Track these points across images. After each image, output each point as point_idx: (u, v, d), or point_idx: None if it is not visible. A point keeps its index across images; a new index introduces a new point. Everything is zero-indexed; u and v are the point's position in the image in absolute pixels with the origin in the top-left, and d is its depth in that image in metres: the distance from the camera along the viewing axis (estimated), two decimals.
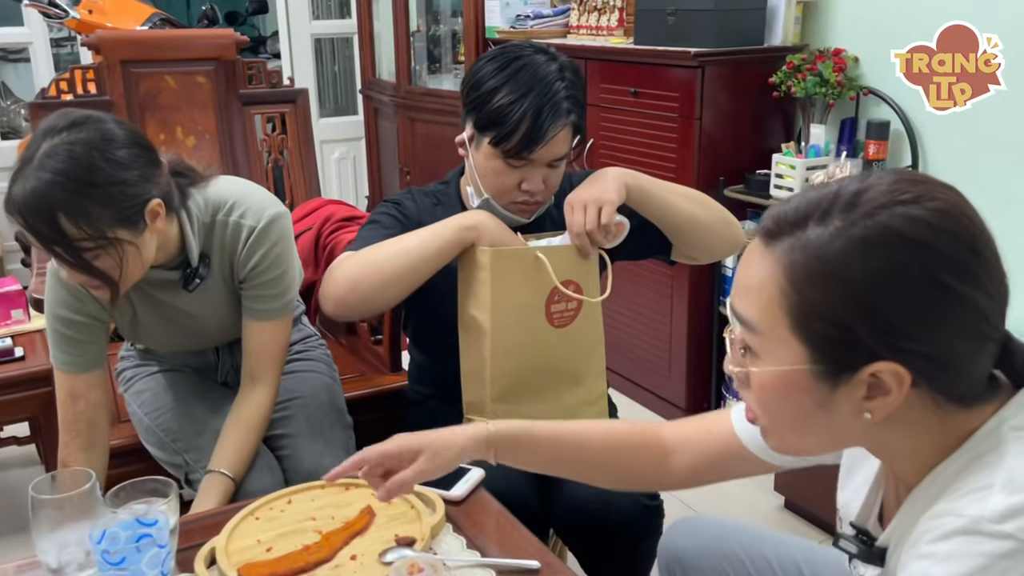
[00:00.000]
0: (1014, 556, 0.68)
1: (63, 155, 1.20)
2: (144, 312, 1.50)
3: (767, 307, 0.76)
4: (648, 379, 2.81)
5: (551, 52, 1.47)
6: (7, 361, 2.05)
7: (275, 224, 1.45)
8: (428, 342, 1.68)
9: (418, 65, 4.02)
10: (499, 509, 1.22)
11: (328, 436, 1.56)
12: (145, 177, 1.28)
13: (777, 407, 0.80)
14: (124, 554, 0.98)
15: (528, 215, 1.52)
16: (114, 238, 1.25)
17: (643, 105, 2.58)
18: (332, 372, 1.74)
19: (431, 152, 3.75)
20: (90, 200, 1.21)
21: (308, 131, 2.33)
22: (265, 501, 1.21)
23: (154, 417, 1.60)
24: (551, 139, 1.41)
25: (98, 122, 1.26)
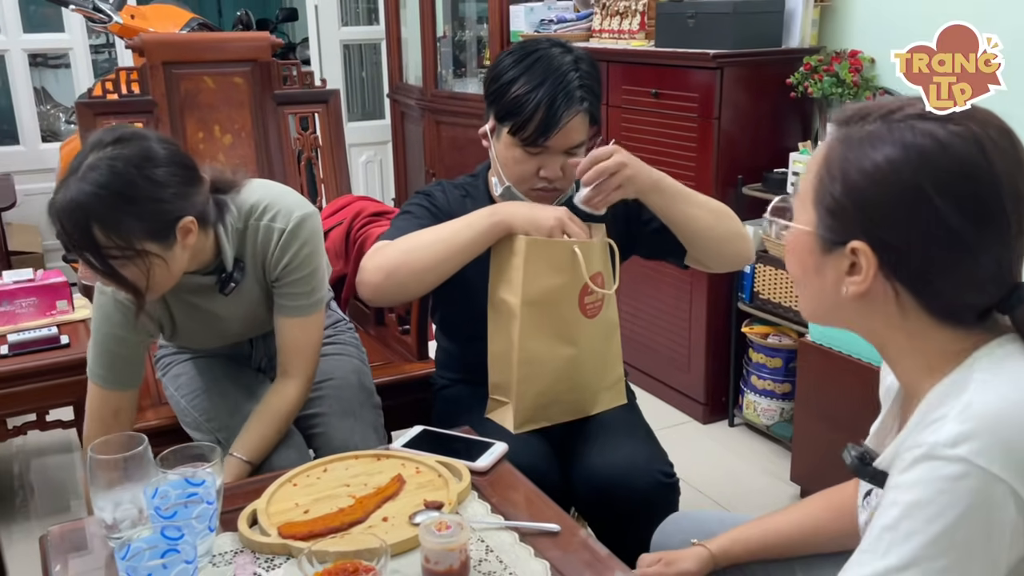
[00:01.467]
0: (967, 478, 0.72)
1: (105, 169, 1.26)
2: (181, 318, 1.57)
3: (808, 177, 0.88)
4: (667, 374, 2.86)
5: (567, 45, 1.54)
6: (53, 348, 2.15)
7: (304, 224, 1.49)
8: (456, 331, 1.75)
9: (444, 70, 4.11)
10: (521, 479, 1.29)
11: (358, 415, 1.63)
12: (180, 195, 1.33)
13: (792, 264, 0.93)
14: (175, 509, 1.06)
15: (548, 202, 1.57)
16: (142, 250, 1.30)
17: (664, 106, 2.65)
18: (361, 355, 1.81)
19: (456, 154, 3.83)
20: (123, 213, 1.27)
21: (339, 130, 2.42)
22: (302, 469, 1.28)
23: (190, 399, 1.68)
24: (565, 126, 1.47)
25: (142, 139, 1.32)
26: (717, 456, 2.60)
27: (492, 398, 1.55)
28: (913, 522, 0.74)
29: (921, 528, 0.74)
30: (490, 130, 1.57)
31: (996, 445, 0.73)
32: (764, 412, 2.60)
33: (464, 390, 1.69)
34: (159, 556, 0.96)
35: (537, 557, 1.09)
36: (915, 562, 0.74)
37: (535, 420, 1.52)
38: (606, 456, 1.51)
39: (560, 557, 1.10)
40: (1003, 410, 0.75)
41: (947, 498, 0.73)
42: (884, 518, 0.77)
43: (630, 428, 1.59)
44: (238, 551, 1.12)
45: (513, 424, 1.49)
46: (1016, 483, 0.72)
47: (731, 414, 2.75)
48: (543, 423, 1.53)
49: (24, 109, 4.04)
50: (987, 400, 0.76)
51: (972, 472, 0.73)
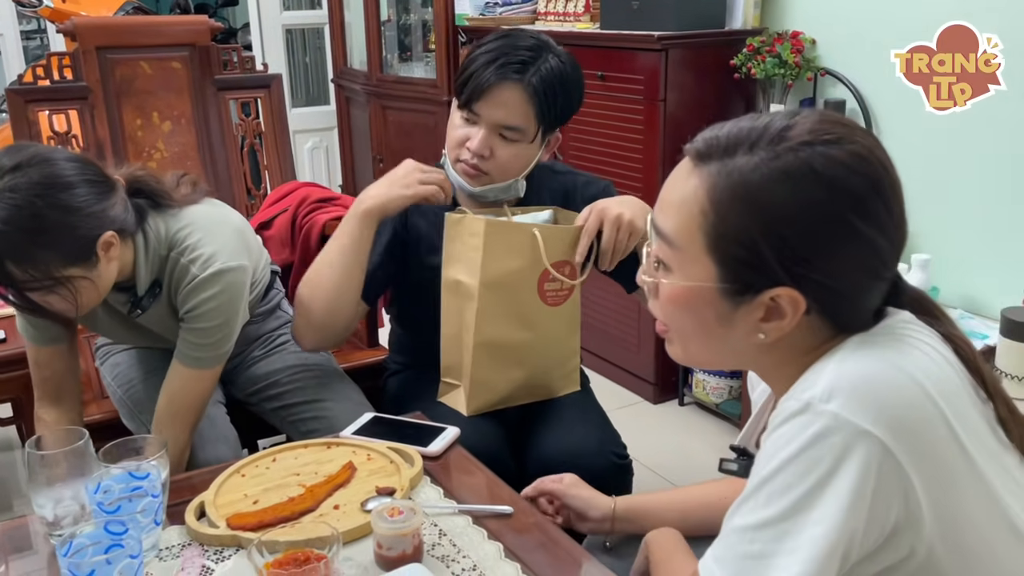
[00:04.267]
0: (839, 432, 0.74)
1: (6, 203, 1.19)
2: (103, 315, 1.53)
3: (686, 224, 0.81)
4: (618, 356, 2.88)
5: (544, 39, 1.50)
6: None
7: (220, 277, 1.39)
8: (410, 319, 1.73)
9: (389, 54, 4.07)
10: (474, 463, 1.29)
11: (343, 392, 1.63)
12: (95, 214, 1.26)
13: (681, 318, 0.86)
14: (119, 504, 1.03)
15: (472, 180, 1.53)
16: (63, 276, 1.25)
17: (610, 88, 2.65)
18: None
19: (403, 139, 3.80)
20: (36, 246, 1.21)
21: (282, 115, 2.38)
22: (251, 460, 1.26)
23: (125, 389, 1.65)
24: (494, 94, 1.44)
25: (43, 164, 1.23)
26: (668, 435, 2.63)
27: (444, 381, 1.54)
28: (790, 475, 0.75)
29: (796, 481, 0.75)
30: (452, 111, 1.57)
31: (865, 400, 0.75)
32: (713, 391, 2.64)
33: (415, 375, 1.69)
34: (103, 552, 0.94)
35: (491, 539, 1.09)
36: (793, 513, 0.75)
37: (488, 404, 1.51)
38: (559, 439, 1.51)
39: (514, 538, 1.10)
40: (871, 370, 0.77)
41: (820, 452, 0.74)
42: (764, 470, 0.78)
43: (583, 411, 1.60)
44: (186, 544, 1.10)
45: (466, 408, 1.48)
46: (887, 437, 0.74)
47: (681, 393, 2.78)
48: (496, 407, 1.52)
49: None
50: (856, 363, 0.78)
51: (843, 426, 0.74)
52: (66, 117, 2.12)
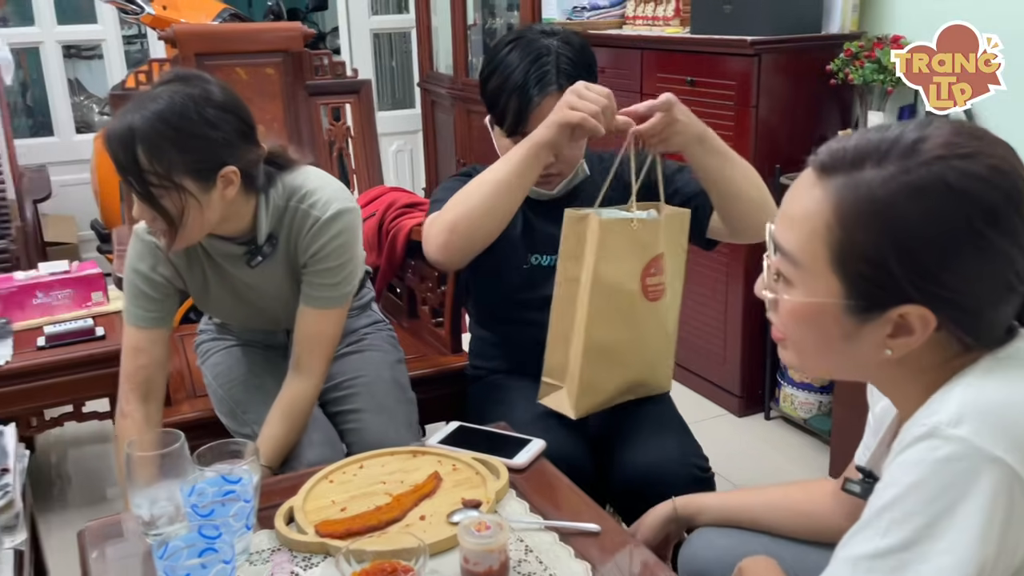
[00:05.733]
0: (968, 458, 0.70)
1: (163, 99, 1.31)
2: (214, 281, 1.57)
3: (810, 240, 0.78)
4: (703, 366, 2.82)
5: (552, 29, 1.51)
6: (89, 340, 2.16)
7: (340, 217, 1.48)
8: (492, 319, 1.73)
9: (475, 58, 4.09)
10: (560, 477, 1.27)
11: (392, 411, 1.62)
12: (229, 143, 1.36)
13: (803, 333, 0.83)
14: (212, 508, 1.05)
15: (550, 187, 1.56)
16: (180, 184, 1.32)
17: (699, 94, 2.60)
18: (397, 353, 1.80)
19: (487, 143, 3.79)
20: (168, 142, 1.30)
21: (371, 120, 2.41)
22: (338, 466, 1.27)
23: (227, 388, 1.69)
24: (538, 110, 1.43)
25: (204, 82, 1.36)
26: (753, 450, 2.56)
27: (545, 381, 1.48)
28: (913, 503, 0.72)
29: (921, 509, 0.72)
30: (488, 123, 1.58)
31: (997, 426, 0.71)
32: (802, 405, 2.56)
33: (499, 381, 1.68)
34: (197, 555, 0.96)
35: (578, 558, 1.07)
36: (915, 542, 0.72)
37: (594, 406, 1.47)
38: (640, 451, 1.48)
39: (601, 558, 1.07)
40: (1003, 395, 0.74)
41: (947, 479, 0.71)
42: (884, 497, 0.74)
43: (664, 422, 1.57)
44: (275, 549, 1.11)
45: (574, 411, 1.44)
46: (1019, 465, 0.70)
47: (767, 407, 2.70)
48: (601, 408, 1.49)
49: (58, 101, 4.08)
50: (987, 387, 0.75)
51: (973, 453, 0.70)
52: None
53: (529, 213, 1.59)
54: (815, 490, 1.19)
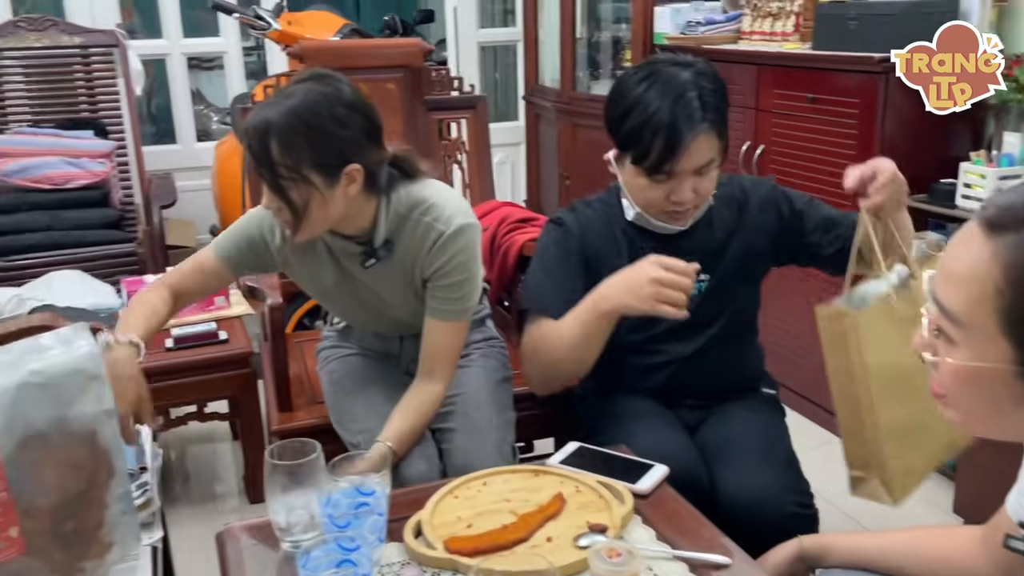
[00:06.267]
0: None
1: (297, 96, 1.39)
2: (336, 277, 1.62)
3: (977, 301, 0.74)
4: (813, 390, 2.74)
5: (686, 60, 1.48)
6: (212, 343, 2.25)
7: (463, 233, 1.53)
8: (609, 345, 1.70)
9: (581, 71, 4.09)
10: (685, 505, 1.25)
11: (483, 432, 1.61)
12: (356, 142, 1.42)
13: (968, 396, 0.79)
14: (348, 519, 1.07)
15: (682, 222, 1.55)
16: (307, 178, 1.39)
17: (820, 111, 2.54)
18: (504, 371, 1.80)
19: (592, 157, 3.77)
20: (300, 136, 1.37)
21: (485, 136, 2.43)
22: (462, 481, 1.29)
23: (340, 397, 1.73)
24: (688, 150, 1.42)
25: (337, 81, 1.44)
26: None
27: (854, 475, 1.40)
28: None
29: None
30: (614, 157, 1.54)
31: None
32: None
33: (605, 401, 1.67)
34: (335, 566, 0.98)
35: None
36: None
37: (914, 486, 1.39)
38: (739, 482, 1.46)
39: None
40: None
41: None
42: None
43: (769, 451, 1.53)
44: (404, 563, 1.13)
45: (894, 499, 1.37)
46: None
47: None
48: (920, 482, 1.41)
49: (182, 110, 4.26)
50: None
51: None
52: None
53: (643, 244, 1.58)
54: (955, 537, 1.13)
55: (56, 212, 2.95)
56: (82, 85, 3.44)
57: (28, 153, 3.03)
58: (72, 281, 2.57)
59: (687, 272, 1.36)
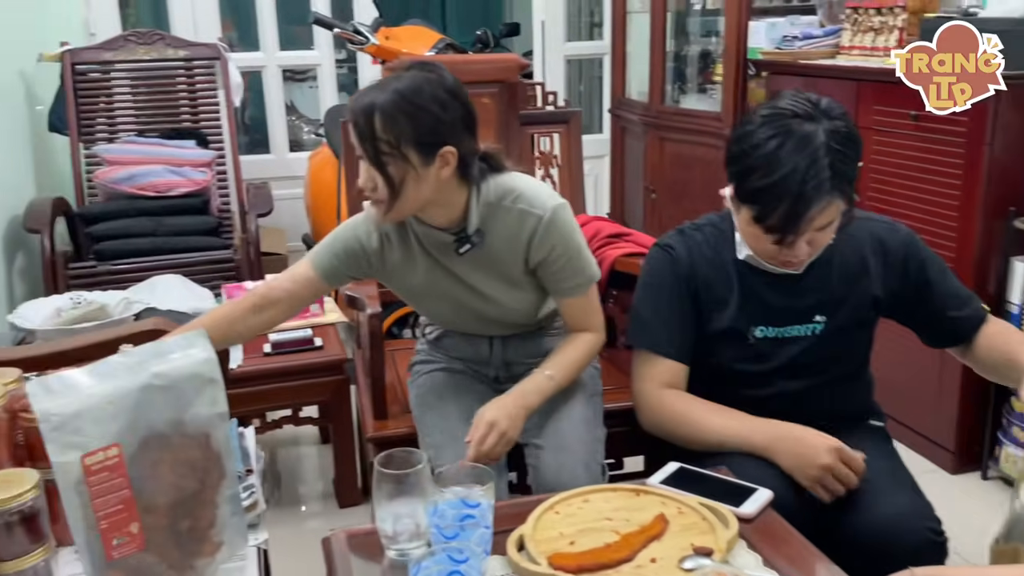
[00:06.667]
0: None
1: (403, 80, 1.48)
2: (427, 274, 1.66)
3: None
4: (914, 417, 2.65)
5: (817, 110, 1.41)
6: (307, 350, 2.30)
7: (559, 213, 1.58)
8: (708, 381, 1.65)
9: (669, 85, 4.06)
10: (792, 532, 1.22)
11: (571, 450, 1.61)
12: (453, 127, 1.48)
13: None
14: (455, 530, 1.08)
15: (796, 268, 1.52)
16: (405, 155, 1.45)
17: (924, 129, 2.46)
18: (595, 386, 1.80)
19: (680, 172, 3.76)
20: (402, 113, 1.44)
21: (578, 150, 2.44)
22: (564, 497, 1.28)
23: (421, 411, 1.76)
24: (812, 219, 1.39)
25: (440, 70, 1.53)
26: (968, 512, 2.37)
27: None
28: None
29: None
30: (730, 198, 1.51)
31: None
32: None
33: None
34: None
35: None
36: None
37: None
38: (871, 508, 1.41)
39: None
40: None
41: None
42: None
43: (894, 477, 1.48)
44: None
45: None
46: None
47: (985, 465, 2.50)
48: None
49: (276, 121, 4.39)
50: None
51: None
52: None
53: (755, 281, 1.55)
54: None
55: (160, 218, 3.06)
56: (185, 96, 3.57)
57: (135, 161, 3.16)
58: (173, 285, 2.67)
59: (859, 472, 1.39)
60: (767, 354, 1.55)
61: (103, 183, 3.15)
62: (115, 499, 1.07)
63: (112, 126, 3.45)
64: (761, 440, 1.46)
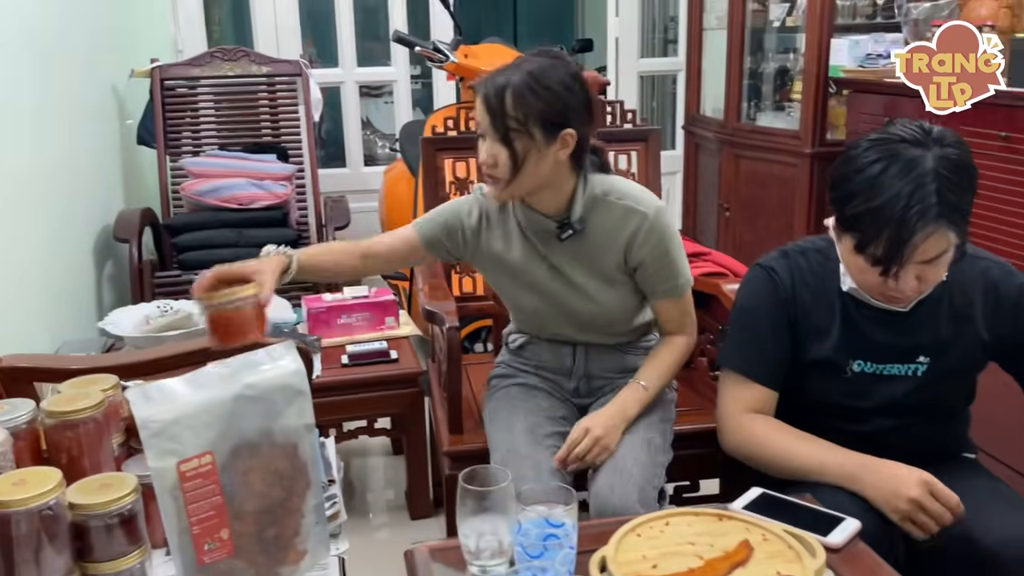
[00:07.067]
0: None
1: (533, 63, 1.57)
2: (523, 255, 1.71)
3: None
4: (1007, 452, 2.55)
5: (920, 136, 1.35)
6: (383, 362, 2.33)
7: (663, 214, 1.68)
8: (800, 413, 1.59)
9: (744, 102, 4.02)
10: (882, 565, 1.19)
11: (628, 474, 1.59)
12: (576, 110, 1.58)
13: None
14: (539, 550, 1.08)
15: (902, 305, 1.46)
16: (531, 132, 1.54)
17: (1014, 151, 2.38)
18: (665, 413, 1.78)
19: (755, 190, 3.72)
20: (531, 93, 1.53)
21: (656, 168, 2.42)
22: (645, 520, 1.27)
23: (490, 427, 1.78)
24: (916, 249, 1.33)
25: (566, 58, 1.63)
26: None
27: None
28: None
29: None
30: (833, 227, 1.47)
31: None
32: None
33: None
34: None
35: None
36: None
37: None
38: (977, 532, 1.35)
39: None
40: None
41: None
42: None
43: (1002, 498, 1.43)
44: None
45: None
46: None
47: None
48: None
49: (352, 135, 4.47)
50: None
51: None
52: (466, 165, 2.33)
53: (856, 315, 1.50)
54: None
55: (241, 230, 3.15)
56: (266, 111, 3.67)
57: (219, 174, 3.26)
58: None
59: (954, 509, 1.33)
60: (862, 390, 1.50)
61: (188, 195, 3.26)
62: (207, 505, 1.10)
63: (197, 140, 3.56)
64: (847, 470, 1.41)
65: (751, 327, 1.56)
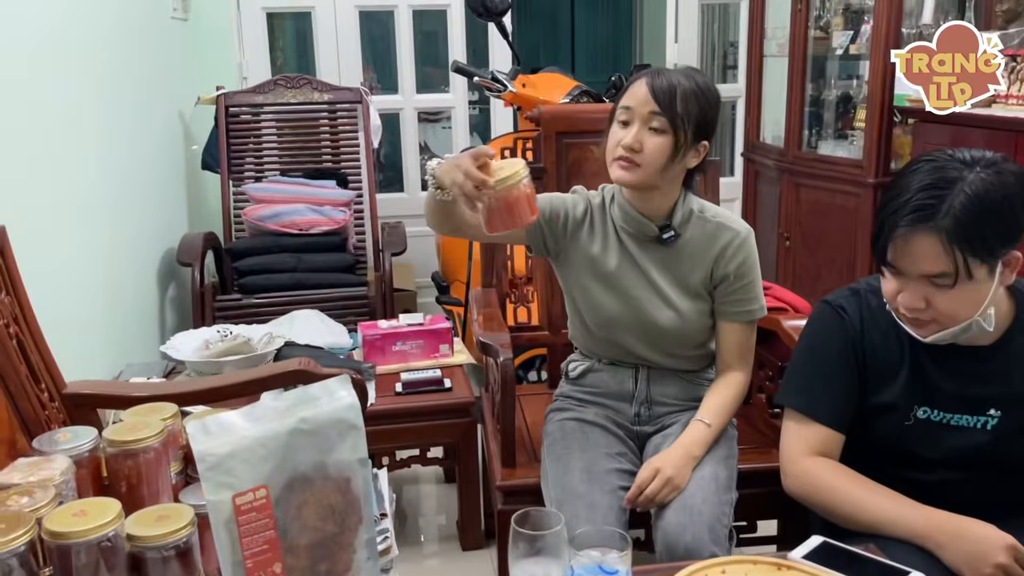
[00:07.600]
0: None
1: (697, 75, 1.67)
2: (618, 258, 1.75)
3: None
4: None
5: (971, 158, 1.31)
6: (437, 390, 2.33)
7: (752, 237, 1.75)
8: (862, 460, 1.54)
9: (805, 130, 3.95)
10: None
11: (695, 511, 1.56)
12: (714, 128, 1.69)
13: None
14: None
15: (921, 332, 1.40)
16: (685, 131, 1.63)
17: None
18: (730, 449, 1.75)
19: (817, 219, 3.64)
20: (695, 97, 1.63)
21: (716, 197, 2.39)
22: (701, 567, 1.24)
23: (547, 462, 1.75)
24: (907, 244, 1.29)
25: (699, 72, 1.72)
26: None
27: None
28: None
29: None
30: None
31: None
32: None
33: None
34: None
35: None
36: None
37: None
38: None
39: None
40: None
41: None
42: None
43: None
44: None
45: None
46: None
47: None
48: None
49: (410, 161, 4.52)
50: None
51: None
52: None
53: (927, 358, 1.44)
54: None
55: (300, 255, 3.19)
56: (327, 137, 3.73)
57: (280, 200, 3.32)
58: (311, 320, 2.78)
59: None
60: (927, 439, 1.45)
61: (250, 220, 3.32)
62: (261, 539, 1.11)
63: (259, 165, 3.63)
64: (923, 529, 1.36)
65: (818, 367, 1.51)
